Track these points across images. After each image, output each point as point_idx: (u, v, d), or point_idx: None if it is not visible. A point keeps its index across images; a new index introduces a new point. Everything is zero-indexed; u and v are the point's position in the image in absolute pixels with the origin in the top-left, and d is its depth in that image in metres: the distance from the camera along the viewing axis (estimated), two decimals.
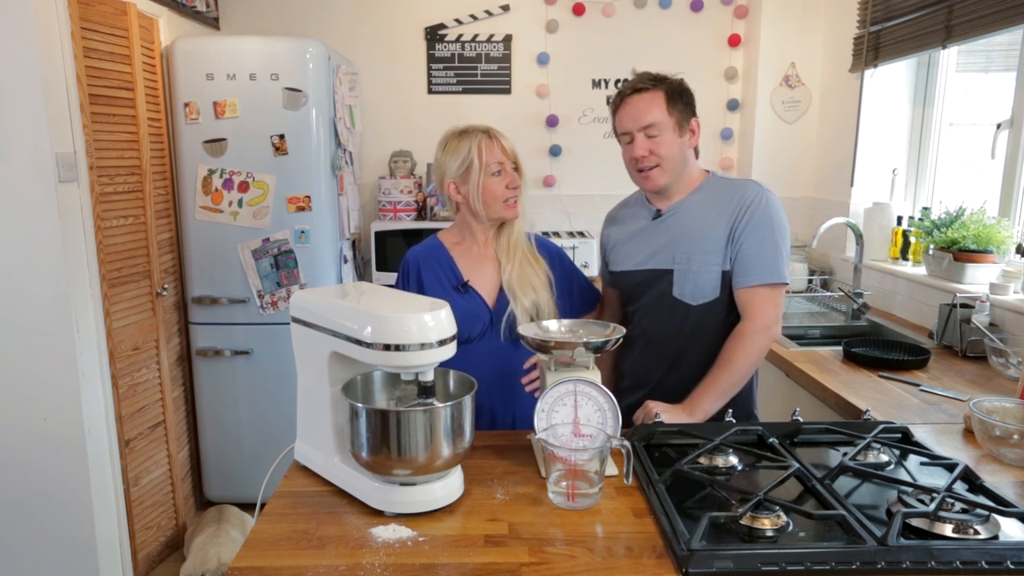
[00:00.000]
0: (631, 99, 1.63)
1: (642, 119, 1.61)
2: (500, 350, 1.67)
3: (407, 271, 1.74)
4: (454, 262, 1.73)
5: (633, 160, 1.65)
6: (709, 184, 1.70)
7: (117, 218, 2.54)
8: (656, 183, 1.65)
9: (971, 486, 1.23)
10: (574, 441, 1.29)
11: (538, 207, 3.73)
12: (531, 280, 1.69)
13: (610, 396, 1.31)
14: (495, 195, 1.66)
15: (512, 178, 1.67)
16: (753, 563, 1.01)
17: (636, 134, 1.62)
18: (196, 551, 2.56)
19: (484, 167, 1.64)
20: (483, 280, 1.71)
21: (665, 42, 3.66)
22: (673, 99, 1.62)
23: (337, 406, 1.30)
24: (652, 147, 1.62)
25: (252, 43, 2.93)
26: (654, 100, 1.61)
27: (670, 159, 1.63)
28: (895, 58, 2.86)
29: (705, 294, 1.64)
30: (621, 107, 1.66)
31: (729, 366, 1.56)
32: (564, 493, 1.22)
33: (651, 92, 1.62)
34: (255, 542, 1.13)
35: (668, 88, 1.63)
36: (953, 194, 2.84)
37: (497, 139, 1.67)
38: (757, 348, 1.57)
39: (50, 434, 2.29)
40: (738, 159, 3.80)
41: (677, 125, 1.63)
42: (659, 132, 1.61)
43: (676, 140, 1.63)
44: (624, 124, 1.65)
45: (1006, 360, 2.03)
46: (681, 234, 1.66)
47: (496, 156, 1.65)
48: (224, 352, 3.08)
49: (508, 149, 1.67)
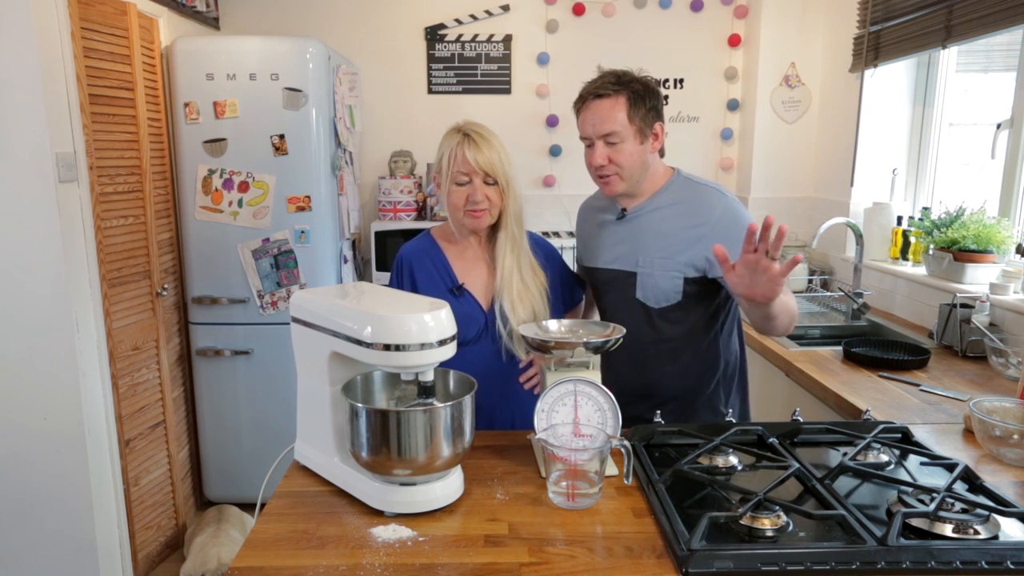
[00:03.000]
0: (592, 104, 1.58)
1: (602, 127, 1.57)
2: (496, 352, 1.66)
3: (400, 269, 1.72)
4: (448, 263, 1.70)
5: (592, 167, 1.63)
6: (674, 186, 1.68)
7: (117, 218, 2.54)
8: (614, 189, 1.64)
9: (971, 486, 1.23)
10: (574, 441, 1.29)
11: (538, 207, 3.74)
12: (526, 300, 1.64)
13: (610, 396, 1.31)
14: (456, 204, 1.61)
15: (476, 191, 1.58)
16: (753, 563, 1.01)
17: (596, 141, 1.59)
18: (196, 551, 2.56)
19: (451, 174, 1.59)
20: (477, 282, 1.68)
21: (665, 42, 3.66)
22: (636, 105, 1.57)
23: (337, 406, 1.30)
24: (611, 155, 1.58)
25: (252, 43, 2.93)
26: (615, 107, 1.56)
27: (629, 168, 1.60)
28: (895, 58, 2.86)
29: (668, 298, 1.64)
30: (583, 111, 1.61)
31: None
32: (564, 493, 1.22)
33: (613, 98, 1.56)
34: (255, 542, 1.13)
35: (631, 93, 1.57)
36: (953, 194, 2.84)
37: (467, 149, 1.57)
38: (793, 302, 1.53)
39: (50, 434, 2.29)
40: (738, 159, 3.80)
41: (638, 132, 1.58)
42: (619, 140, 1.57)
43: (636, 148, 1.59)
44: (584, 129, 1.61)
45: (1006, 360, 2.03)
46: (644, 238, 1.65)
47: (460, 166, 1.57)
48: (224, 352, 3.08)
49: (476, 162, 1.56)
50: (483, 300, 1.67)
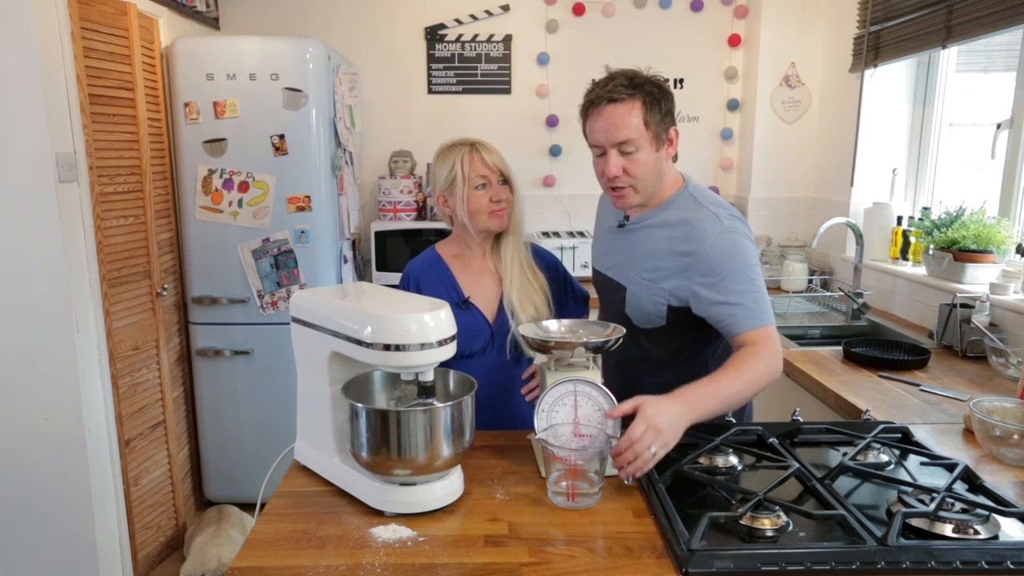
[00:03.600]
0: (605, 110, 1.44)
1: (617, 135, 1.44)
2: (501, 365, 1.69)
3: (407, 285, 1.75)
4: (454, 277, 1.72)
5: (605, 177, 1.50)
6: (678, 201, 1.55)
7: (117, 218, 2.54)
8: (628, 203, 1.53)
9: (971, 486, 1.23)
10: (574, 441, 1.29)
11: (538, 207, 3.74)
12: (531, 296, 1.69)
13: (610, 396, 1.31)
14: (479, 208, 1.64)
15: (496, 191, 1.64)
16: (753, 563, 1.01)
17: (609, 149, 1.46)
18: (196, 551, 2.56)
19: (467, 180, 1.63)
20: (483, 295, 1.71)
21: (665, 42, 3.66)
22: (652, 109, 1.44)
23: (337, 406, 1.30)
24: (627, 165, 1.46)
25: (252, 43, 2.93)
26: (631, 112, 1.43)
27: (644, 178, 1.48)
28: (895, 58, 2.86)
29: (651, 321, 1.57)
30: (593, 116, 1.47)
31: (738, 372, 1.34)
32: (564, 493, 1.22)
33: (628, 103, 1.43)
34: (255, 542, 1.13)
35: (646, 96, 1.44)
36: (953, 194, 2.84)
37: (480, 152, 1.63)
38: (770, 365, 1.38)
39: (50, 434, 2.29)
40: (738, 159, 3.80)
41: (655, 139, 1.46)
42: (635, 148, 1.45)
43: (652, 156, 1.47)
44: (596, 137, 1.48)
45: (1006, 360, 2.03)
46: (636, 254, 1.58)
47: (478, 170, 1.62)
48: (224, 352, 3.08)
49: (491, 163, 1.63)
50: (488, 313, 1.69)
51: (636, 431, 1.21)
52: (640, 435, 1.20)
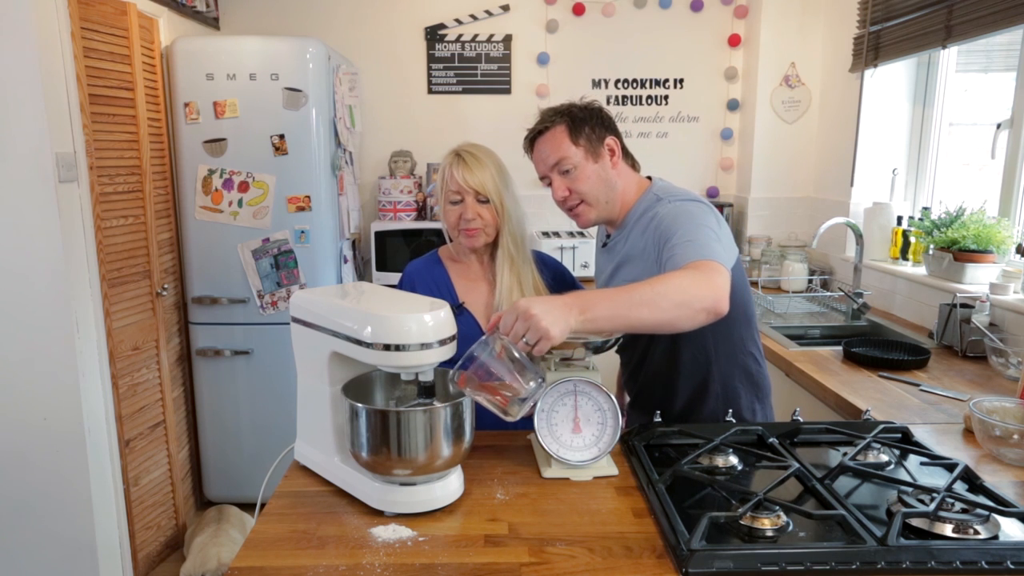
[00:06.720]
0: (538, 142, 1.57)
1: (551, 159, 1.55)
2: None
3: (404, 285, 1.75)
4: (451, 281, 1.72)
5: (556, 202, 1.59)
6: (643, 203, 1.57)
7: (117, 218, 2.54)
8: (587, 219, 1.59)
9: (971, 486, 1.23)
10: (573, 439, 1.30)
11: (538, 207, 3.72)
12: None
13: (610, 396, 1.31)
14: (450, 223, 1.65)
15: (469, 209, 1.60)
16: (753, 563, 1.01)
17: (552, 175, 1.56)
18: (196, 551, 2.56)
19: (445, 193, 1.63)
20: (478, 301, 1.70)
21: (665, 42, 3.66)
22: (577, 128, 1.53)
23: (337, 406, 1.29)
24: (570, 184, 1.55)
25: (252, 43, 2.93)
26: (555, 136, 1.54)
27: (592, 192, 1.55)
28: (895, 58, 2.86)
29: None
30: (532, 152, 1.60)
31: (650, 282, 1.23)
32: (497, 407, 1.21)
33: (552, 129, 1.55)
34: (255, 542, 1.13)
35: (569, 119, 1.54)
36: (953, 194, 2.84)
37: (458, 169, 1.60)
38: (694, 285, 1.24)
39: (50, 434, 2.29)
40: (738, 159, 3.80)
41: (588, 153, 1.54)
42: (572, 166, 1.53)
43: (593, 169, 1.55)
44: (538, 168, 1.60)
45: (1006, 360, 2.03)
46: (622, 265, 1.61)
47: (451, 185, 1.61)
48: (224, 352, 3.08)
49: (464, 180, 1.59)
50: (483, 319, 1.69)
51: (505, 320, 1.18)
52: (510, 324, 1.17)
